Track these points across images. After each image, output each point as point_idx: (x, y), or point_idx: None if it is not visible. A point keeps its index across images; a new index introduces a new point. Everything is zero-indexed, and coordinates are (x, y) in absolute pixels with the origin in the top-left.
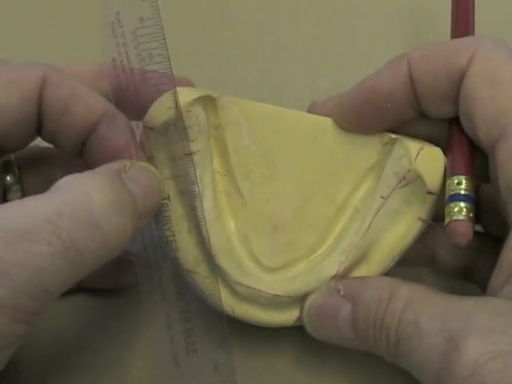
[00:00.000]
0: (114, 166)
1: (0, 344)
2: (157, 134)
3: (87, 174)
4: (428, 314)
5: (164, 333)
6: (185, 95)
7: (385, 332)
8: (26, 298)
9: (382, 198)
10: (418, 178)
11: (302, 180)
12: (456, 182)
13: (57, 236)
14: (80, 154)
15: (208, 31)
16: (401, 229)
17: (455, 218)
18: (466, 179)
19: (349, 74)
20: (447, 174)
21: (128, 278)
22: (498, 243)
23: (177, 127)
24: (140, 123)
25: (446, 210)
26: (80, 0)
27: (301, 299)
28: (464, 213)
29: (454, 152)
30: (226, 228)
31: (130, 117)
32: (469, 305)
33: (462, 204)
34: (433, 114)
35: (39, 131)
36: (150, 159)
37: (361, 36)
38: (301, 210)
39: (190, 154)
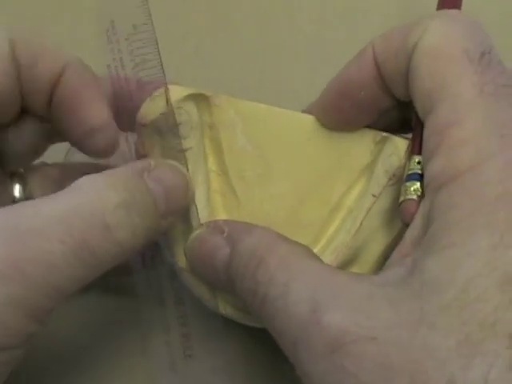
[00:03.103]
0: (138, 165)
1: (13, 342)
2: (150, 131)
3: (103, 174)
4: (300, 280)
5: (161, 337)
6: (176, 92)
7: (253, 286)
8: (39, 295)
9: (374, 196)
10: None
11: (297, 180)
12: (417, 161)
13: (69, 235)
14: (49, 113)
15: (208, 31)
16: (393, 228)
17: (409, 197)
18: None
19: None
20: (408, 155)
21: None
22: None
23: (168, 124)
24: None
25: (403, 189)
26: (75, 8)
27: None
28: (420, 193)
29: (414, 131)
30: None
31: (125, 126)
32: (342, 279)
33: (418, 184)
34: (404, 97)
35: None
36: (145, 157)
37: (361, 36)
38: (295, 211)
39: (182, 151)
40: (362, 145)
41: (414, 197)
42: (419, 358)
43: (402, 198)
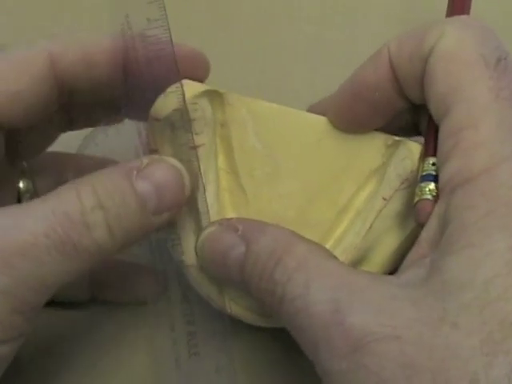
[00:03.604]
0: (127, 165)
1: (1, 336)
2: (162, 126)
3: (87, 176)
4: (319, 280)
5: (167, 335)
6: (191, 88)
7: (271, 286)
8: (25, 288)
9: (384, 199)
10: None
11: (306, 180)
12: (431, 162)
13: (53, 230)
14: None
15: (208, 31)
16: (403, 231)
17: (424, 197)
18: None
19: (349, 74)
20: (422, 157)
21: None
22: None
23: (182, 119)
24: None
25: (417, 189)
26: (75, 8)
27: None
28: (435, 193)
29: (428, 133)
30: None
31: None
32: (364, 280)
33: (433, 185)
34: (418, 100)
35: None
36: (155, 152)
37: (361, 36)
38: (303, 211)
39: (194, 147)
40: (372, 147)
41: (430, 197)
42: (441, 357)
43: (417, 199)
